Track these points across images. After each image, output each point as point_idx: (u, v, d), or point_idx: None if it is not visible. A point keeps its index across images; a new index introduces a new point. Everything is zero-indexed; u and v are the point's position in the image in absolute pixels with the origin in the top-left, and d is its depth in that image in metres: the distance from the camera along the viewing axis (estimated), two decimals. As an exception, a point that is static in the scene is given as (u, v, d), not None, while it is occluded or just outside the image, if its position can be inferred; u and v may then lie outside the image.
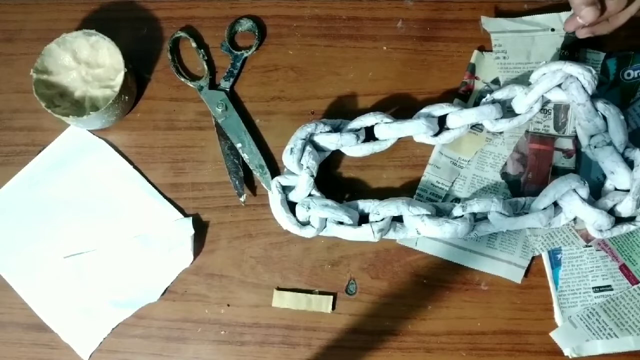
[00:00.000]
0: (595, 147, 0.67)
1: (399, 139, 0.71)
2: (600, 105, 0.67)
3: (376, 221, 0.66)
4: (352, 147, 0.69)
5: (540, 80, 0.68)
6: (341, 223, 0.66)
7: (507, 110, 0.70)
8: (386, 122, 0.69)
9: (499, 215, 0.65)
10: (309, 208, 0.66)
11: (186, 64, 0.76)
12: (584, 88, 0.67)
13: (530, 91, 0.68)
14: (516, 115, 0.70)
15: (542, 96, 0.69)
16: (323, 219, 0.66)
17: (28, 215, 0.71)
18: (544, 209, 0.65)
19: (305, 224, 0.67)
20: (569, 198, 0.64)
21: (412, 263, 0.69)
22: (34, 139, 0.74)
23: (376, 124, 0.69)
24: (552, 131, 0.71)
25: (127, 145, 0.73)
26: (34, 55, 0.71)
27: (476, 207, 0.65)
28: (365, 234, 0.65)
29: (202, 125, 0.74)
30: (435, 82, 0.73)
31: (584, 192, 0.64)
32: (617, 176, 0.65)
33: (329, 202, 0.66)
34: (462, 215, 0.66)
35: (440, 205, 0.68)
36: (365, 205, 0.67)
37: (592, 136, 0.67)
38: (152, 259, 0.69)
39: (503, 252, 0.68)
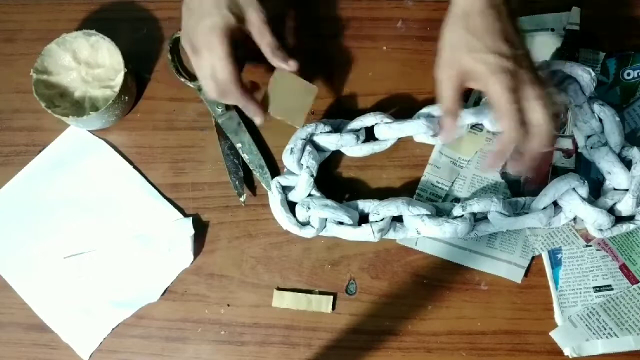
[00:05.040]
0: (591, 147, 0.67)
1: (399, 139, 0.71)
2: (596, 107, 0.67)
3: (376, 221, 0.66)
4: (352, 147, 0.69)
5: None
6: (341, 223, 0.66)
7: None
8: (386, 122, 0.69)
9: (499, 215, 0.65)
10: (309, 208, 0.66)
11: (186, 64, 0.75)
12: (582, 90, 0.67)
13: None
14: None
15: None
16: (323, 219, 0.66)
17: (28, 215, 0.71)
18: (544, 208, 0.65)
19: (305, 224, 0.67)
20: (569, 197, 0.64)
21: (412, 263, 0.69)
22: (34, 139, 0.74)
23: (376, 124, 0.69)
24: (552, 131, 0.71)
25: (127, 145, 0.73)
26: (34, 55, 0.71)
27: (476, 207, 0.65)
28: (365, 234, 0.65)
29: (202, 125, 0.73)
30: (435, 82, 0.73)
31: (584, 191, 0.64)
32: (614, 176, 0.65)
33: (329, 202, 0.66)
34: (462, 215, 0.66)
35: (440, 205, 0.68)
36: (365, 205, 0.67)
37: (588, 137, 0.68)
38: (152, 259, 0.69)
39: (503, 252, 0.68)
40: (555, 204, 0.66)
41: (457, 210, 0.66)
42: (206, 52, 0.62)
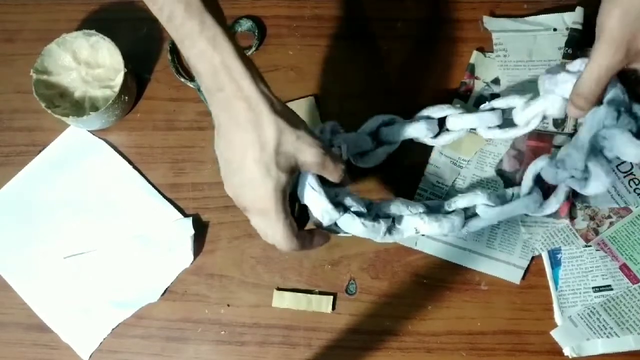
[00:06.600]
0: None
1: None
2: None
3: (385, 218, 0.64)
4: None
5: (542, 97, 0.66)
6: (358, 215, 0.64)
7: (505, 119, 0.69)
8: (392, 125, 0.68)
9: (486, 207, 0.64)
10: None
11: (186, 64, 0.75)
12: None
13: (528, 107, 0.66)
14: (515, 125, 0.69)
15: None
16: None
17: (28, 215, 0.72)
18: (529, 193, 0.65)
19: None
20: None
21: (412, 263, 0.68)
22: (34, 139, 0.74)
23: (379, 126, 0.69)
24: (550, 128, 0.70)
25: (127, 145, 0.73)
26: (34, 55, 0.71)
27: (460, 202, 0.64)
28: (376, 231, 0.64)
29: (202, 125, 0.74)
30: (435, 82, 0.73)
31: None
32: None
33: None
34: (453, 211, 0.65)
35: (430, 204, 0.67)
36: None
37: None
38: (152, 259, 0.69)
39: (502, 252, 0.68)
40: (541, 189, 0.65)
41: (444, 208, 0.65)
42: (258, 217, 0.55)
